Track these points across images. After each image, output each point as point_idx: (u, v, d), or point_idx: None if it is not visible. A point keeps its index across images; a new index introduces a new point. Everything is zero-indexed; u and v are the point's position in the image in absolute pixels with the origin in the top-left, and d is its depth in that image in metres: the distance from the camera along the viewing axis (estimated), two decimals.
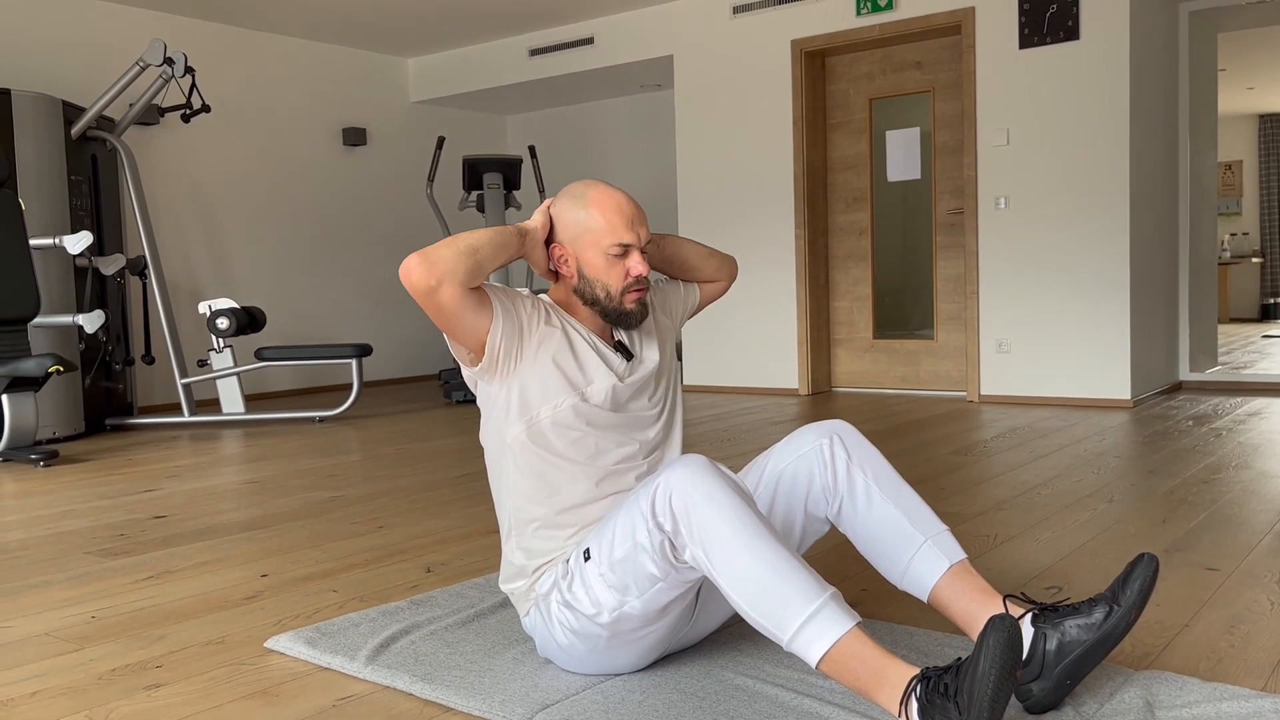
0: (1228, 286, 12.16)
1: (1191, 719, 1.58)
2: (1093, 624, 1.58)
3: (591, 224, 1.80)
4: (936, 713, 1.38)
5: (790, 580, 1.49)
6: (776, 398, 6.21)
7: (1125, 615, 1.58)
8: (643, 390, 1.90)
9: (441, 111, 8.33)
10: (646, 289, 1.85)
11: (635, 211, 1.83)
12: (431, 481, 3.84)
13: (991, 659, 1.35)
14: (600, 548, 1.68)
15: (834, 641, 1.46)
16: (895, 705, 1.44)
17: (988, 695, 1.34)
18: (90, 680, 1.92)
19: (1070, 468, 3.69)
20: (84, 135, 5.54)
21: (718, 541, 1.53)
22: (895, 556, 1.76)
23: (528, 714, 1.66)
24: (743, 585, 1.51)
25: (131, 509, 3.50)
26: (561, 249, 1.84)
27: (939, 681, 1.41)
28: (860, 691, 1.47)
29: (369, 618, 2.17)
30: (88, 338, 5.45)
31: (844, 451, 1.81)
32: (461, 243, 1.69)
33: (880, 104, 6.21)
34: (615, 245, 1.79)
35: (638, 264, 1.81)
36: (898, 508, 1.77)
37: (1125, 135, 5.24)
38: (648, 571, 1.62)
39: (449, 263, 1.66)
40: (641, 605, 1.66)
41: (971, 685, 1.35)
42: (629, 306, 1.83)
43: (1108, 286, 5.34)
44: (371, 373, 7.82)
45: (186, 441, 5.14)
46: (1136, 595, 1.58)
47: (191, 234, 6.76)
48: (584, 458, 1.81)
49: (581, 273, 1.83)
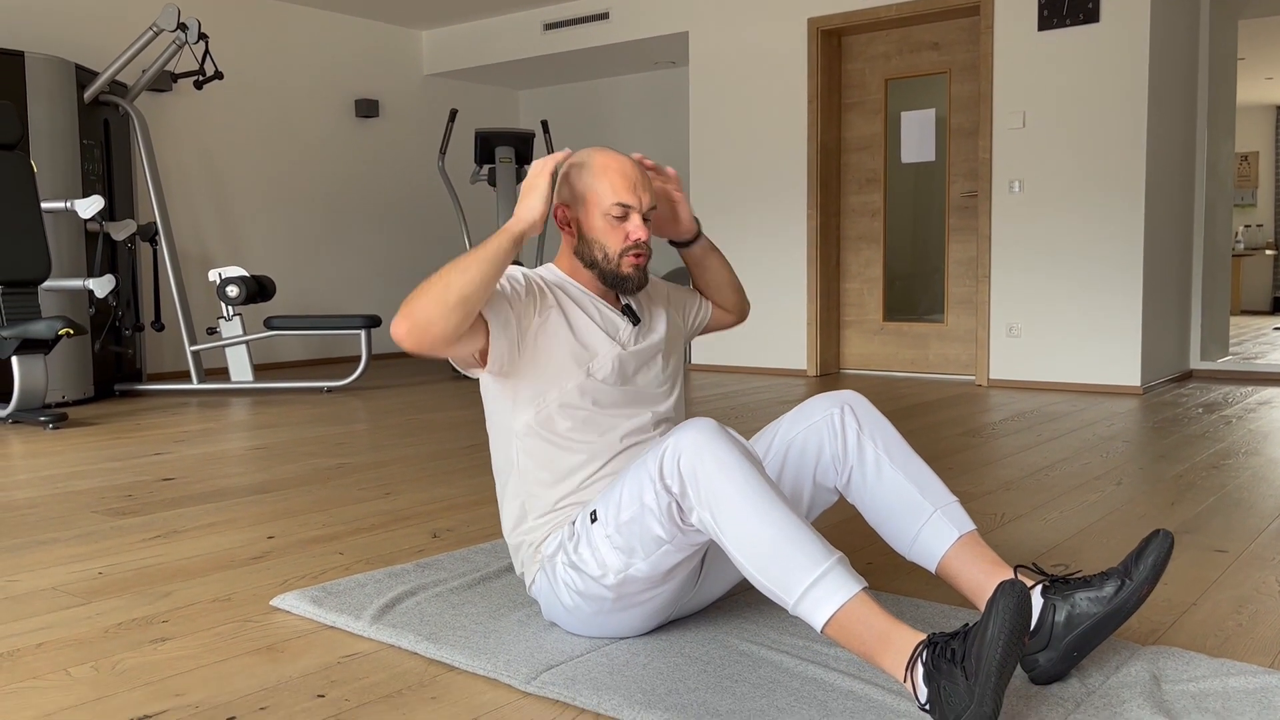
0: (1240, 278, 12.09)
1: (1198, 693, 1.57)
2: (1103, 597, 1.57)
3: (594, 185, 1.81)
4: (942, 678, 1.38)
5: (797, 544, 1.49)
6: (785, 378, 6.20)
7: (1136, 590, 1.57)
8: (649, 364, 1.90)
9: (454, 85, 8.30)
10: (646, 256, 1.84)
11: (639, 176, 1.83)
12: (439, 451, 3.84)
13: (1000, 623, 1.34)
14: (607, 509, 1.67)
15: (840, 605, 1.46)
16: (900, 670, 1.43)
17: (995, 660, 1.33)
18: (97, 633, 1.93)
19: (1079, 451, 3.68)
20: (96, 100, 5.53)
21: (725, 504, 1.52)
22: (904, 526, 1.75)
23: (532, 674, 1.66)
24: (749, 548, 1.51)
25: (139, 471, 3.51)
26: (565, 210, 1.86)
27: (945, 647, 1.40)
28: (865, 656, 1.47)
29: (375, 579, 2.18)
30: (98, 302, 5.46)
31: (855, 421, 1.80)
32: (451, 293, 1.61)
33: (896, 85, 6.17)
34: (616, 205, 1.80)
35: (638, 228, 1.81)
36: (908, 478, 1.76)
37: (1143, 121, 5.19)
38: (654, 534, 1.62)
39: (439, 325, 1.61)
40: (647, 568, 1.66)
41: (980, 650, 1.34)
42: (626, 270, 1.83)
43: (1121, 273, 5.31)
44: (380, 345, 7.83)
45: (195, 408, 5.15)
46: (1149, 571, 1.57)
47: (202, 201, 6.76)
48: (594, 435, 1.81)
49: (582, 233, 1.84)
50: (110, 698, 1.63)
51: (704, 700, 1.56)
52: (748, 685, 1.61)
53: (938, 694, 1.37)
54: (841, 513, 2.77)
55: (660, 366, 1.92)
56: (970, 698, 1.34)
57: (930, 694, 1.39)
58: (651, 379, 1.90)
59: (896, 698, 1.55)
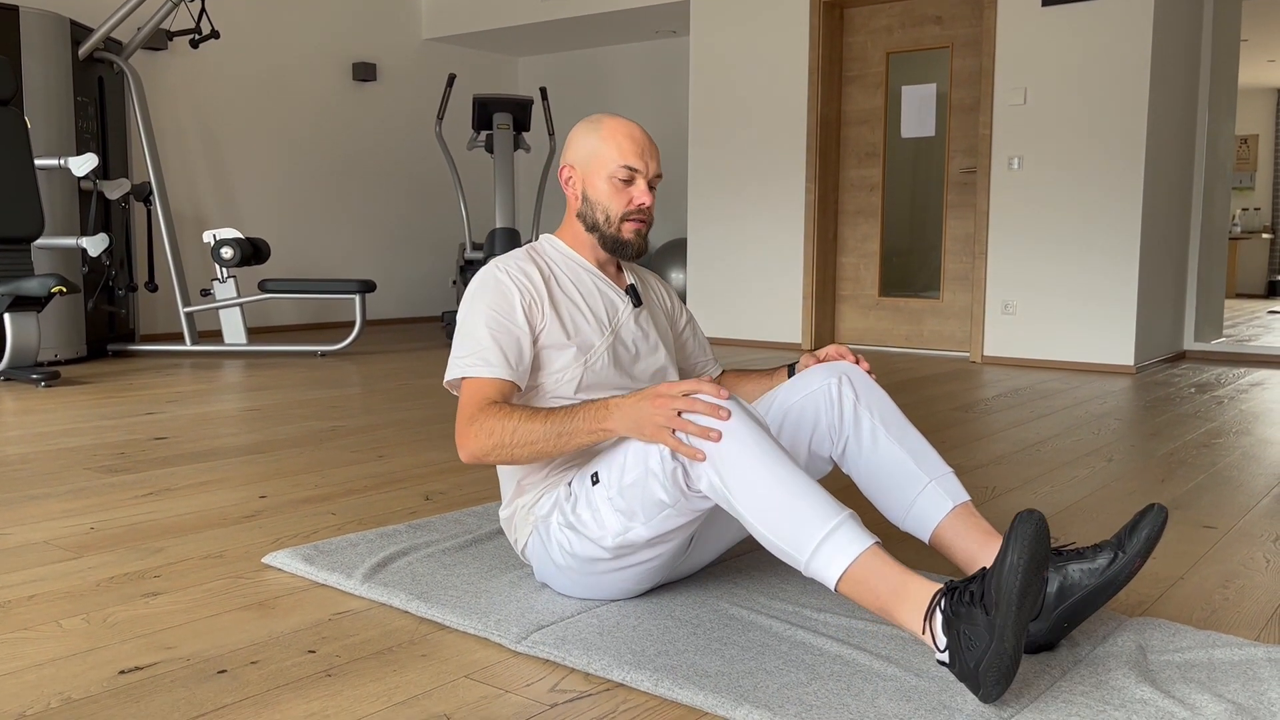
0: (1236, 261, 12.10)
1: (1184, 664, 1.58)
2: (1096, 569, 1.57)
3: (601, 148, 1.82)
4: (962, 621, 1.36)
5: (808, 501, 1.49)
6: (779, 351, 6.20)
7: (1129, 563, 1.57)
8: (644, 350, 1.90)
9: (453, 50, 8.24)
10: (647, 223, 1.85)
11: (647, 142, 1.84)
12: (432, 416, 3.84)
13: (1020, 550, 1.32)
14: (610, 472, 1.67)
15: (853, 559, 1.45)
16: (918, 622, 1.42)
17: (1016, 588, 1.31)
18: (88, 586, 1.93)
19: (1070, 428, 3.69)
20: (91, 57, 5.48)
21: (735, 467, 1.51)
22: (899, 496, 1.75)
23: (522, 634, 1.67)
24: (760, 510, 1.50)
25: (132, 430, 3.51)
26: (571, 170, 1.87)
27: (964, 590, 1.39)
28: (880, 611, 1.46)
29: (367, 539, 2.18)
30: (91, 261, 5.43)
31: (851, 391, 1.79)
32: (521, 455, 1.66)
33: (897, 58, 6.14)
34: (622, 168, 1.80)
35: (642, 193, 1.82)
36: (903, 448, 1.76)
37: (1144, 100, 5.17)
38: (657, 498, 1.62)
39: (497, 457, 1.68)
40: (647, 531, 1.66)
41: (999, 580, 1.33)
42: (626, 235, 1.84)
43: (1117, 252, 5.31)
44: (375, 311, 7.81)
45: (188, 369, 5.14)
46: (1142, 544, 1.57)
47: (197, 162, 6.71)
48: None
49: (585, 195, 1.85)
50: (101, 649, 1.64)
51: (693, 662, 1.56)
52: (737, 648, 1.62)
53: (957, 641, 1.37)
54: (835, 482, 2.78)
55: (660, 353, 1.92)
56: (990, 634, 1.33)
57: (949, 642, 1.38)
58: (647, 365, 1.90)
59: (885, 663, 1.56)
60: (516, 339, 1.76)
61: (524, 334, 1.77)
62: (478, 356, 1.74)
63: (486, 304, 1.77)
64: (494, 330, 1.75)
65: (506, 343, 1.75)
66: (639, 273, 2.03)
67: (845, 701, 1.44)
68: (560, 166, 1.89)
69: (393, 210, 7.90)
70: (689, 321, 2.12)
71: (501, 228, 6.41)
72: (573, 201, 1.88)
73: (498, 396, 1.72)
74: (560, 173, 1.89)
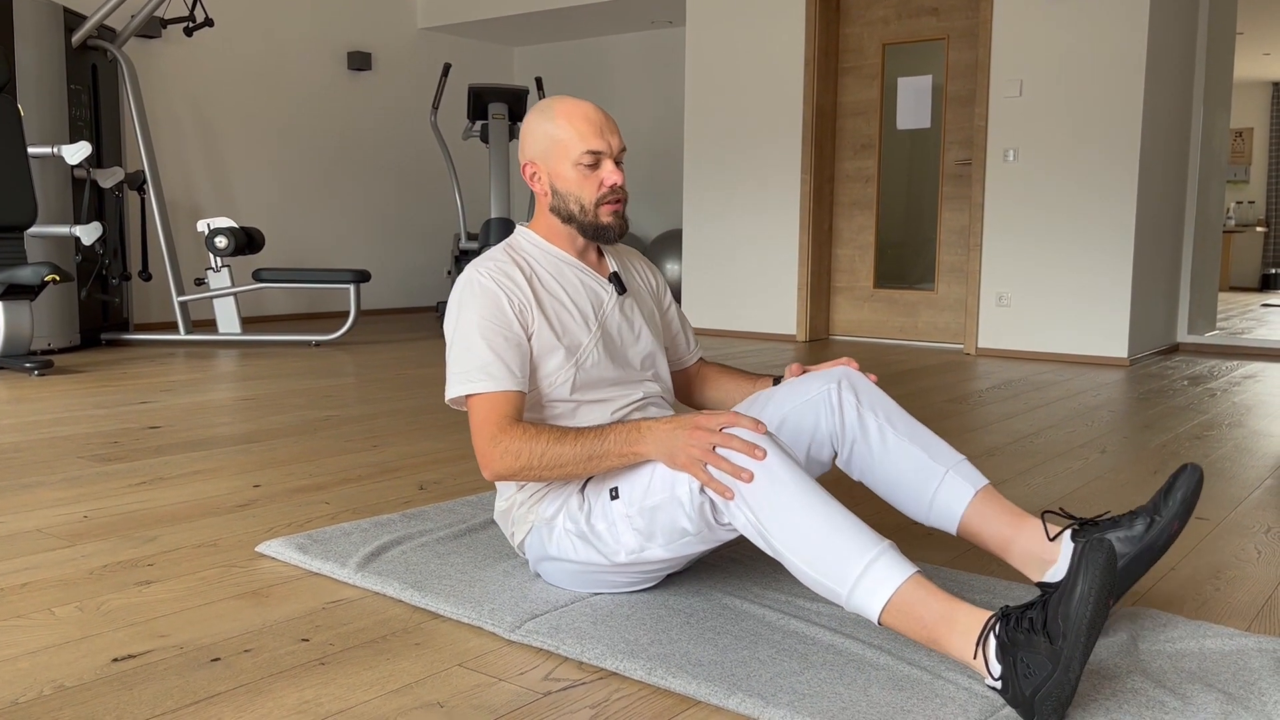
0: (1230, 254, 12.12)
1: (1175, 653, 1.59)
2: (1134, 536, 1.55)
3: (559, 135, 1.74)
4: (1020, 649, 1.32)
5: (846, 534, 1.44)
6: (774, 343, 6.21)
7: (1167, 526, 1.55)
8: (633, 337, 1.86)
9: (449, 39, 8.22)
10: (623, 201, 1.79)
11: (604, 119, 1.76)
12: (427, 406, 3.84)
13: (1091, 580, 1.29)
14: (632, 490, 1.64)
15: (895, 588, 1.40)
16: (969, 649, 1.37)
17: (1086, 618, 1.28)
18: (81, 575, 1.93)
19: (1064, 419, 3.70)
20: (84, 44, 5.45)
21: (770, 505, 1.48)
22: (918, 492, 1.72)
23: (516, 622, 1.67)
24: (798, 547, 1.46)
25: (126, 419, 3.50)
26: (533, 165, 1.79)
27: (1023, 617, 1.34)
28: (928, 641, 1.41)
29: (361, 528, 2.18)
30: (84, 250, 5.41)
31: (852, 396, 1.76)
32: (552, 474, 1.63)
33: (893, 50, 6.13)
34: (585, 154, 1.73)
35: (611, 173, 1.75)
36: (914, 443, 1.72)
37: (1139, 93, 5.18)
38: (680, 526, 1.59)
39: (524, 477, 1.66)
40: (664, 554, 1.65)
41: (1068, 610, 1.29)
42: (605, 220, 1.78)
43: (1112, 245, 5.31)
44: (369, 301, 7.80)
45: (182, 359, 5.13)
46: (1179, 506, 1.55)
47: (191, 151, 6.69)
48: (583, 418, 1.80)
49: (554, 188, 1.78)
50: (95, 637, 1.64)
51: (686, 651, 1.57)
52: (730, 637, 1.63)
53: (1013, 668, 1.32)
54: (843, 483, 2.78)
55: (645, 338, 1.89)
56: (1055, 663, 1.29)
57: (1004, 670, 1.33)
58: (637, 351, 1.87)
59: (877, 652, 1.56)
60: (516, 345, 1.72)
61: (521, 339, 1.73)
62: (481, 370, 1.69)
63: (477, 313, 1.71)
64: (490, 340, 1.70)
65: (506, 351, 1.70)
66: (620, 254, 1.97)
67: (837, 690, 1.44)
68: (521, 164, 1.81)
69: (387, 200, 7.88)
70: (671, 302, 2.07)
71: (496, 218, 6.40)
72: (542, 197, 1.81)
73: (512, 411, 1.68)
74: (523, 170, 1.81)
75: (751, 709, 1.39)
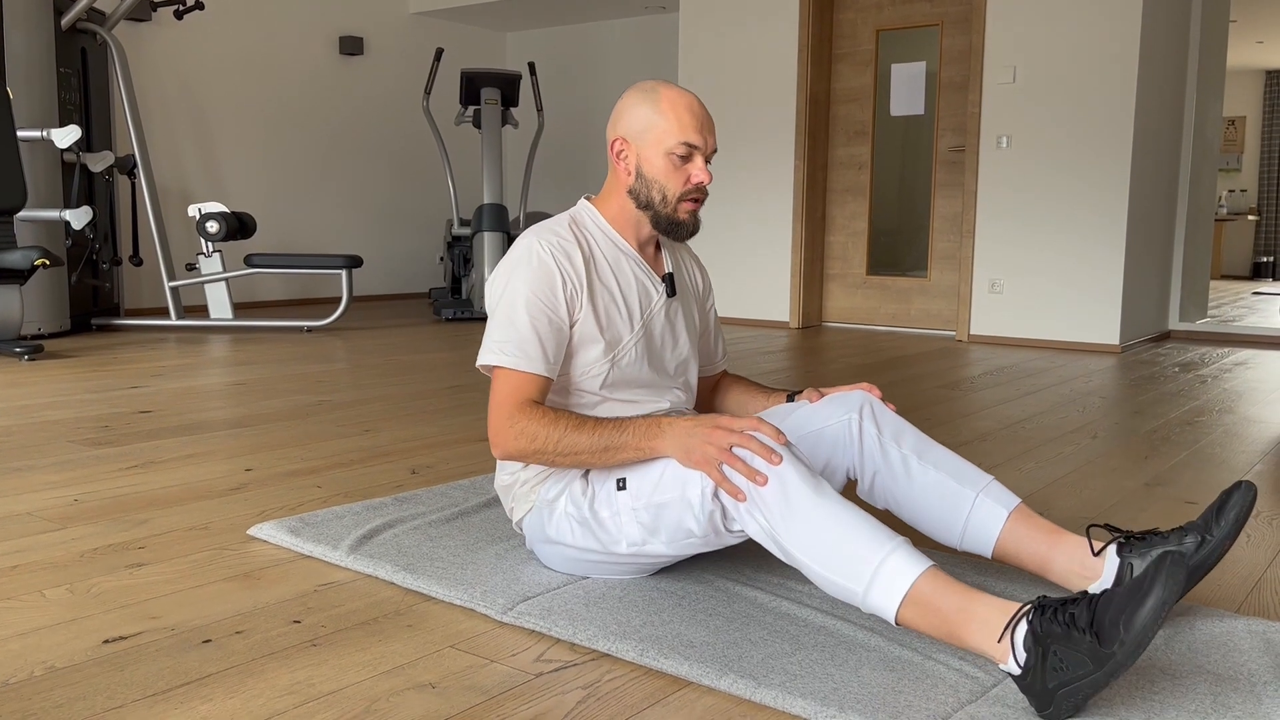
0: (1222, 242, 12.15)
1: (1166, 635, 1.60)
2: (1184, 553, 1.53)
3: (660, 122, 1.71)
4: (1057, 642, 1.28)
5: (859, 535, 1.43)
6: (766, 329, 6.21)
7: (1218, 545, 1.52)
8: (673, 341, 1.83)
9: (441, 24, 8.18)
10: (702, 201, 1.77)
11: (706, 116, 1.74)
12: (419, 392, 3.83)
13: (1169, 592, 1.24)
14: (641, 484, 1.63)
15: (911, 582, 1.39)
16: (991, 641, 1.34)
17: (1149, 626, 1.24)
18: (72, 557, 1.93)
19: (1056, 405, 3.70)
20: (74, 27, 5.41)
21: (783, 511, 1.47)
22: (950, 519, 1.69)
23: (508, 604, 1.67)
24: (812, 551, 1.45)
25: (116, 403, 3.49)
26: (624, 144, 1.75)
27: (1062, 610, 1.30)
28: (948, 636, 1.38)
29: (353, 511, 2.18)
30: (74, 235, 5.39)
31: (874, 426, 1.74)
32: (564, 461, 1.62)
33: (887, 36, 6.12)
34: (681, 145, 1.71)
35: (700, 170, 1.72)
36: (940, 470, 1.70)
37: (1133, 80, 5.17)
38: (686, 526, 1.59)
39: (535, 460, 1.65)
40: (667, 550, 1.65)
41: (1135, 617, 1.24)
42: (682, 216, 1.75)
43: (1104, 232, 5.32)
44: (361, 287, 7.78)
45: (173, 344, 5.11)
46: (1231, 525, 1.53)
47: (182, 135, 6.66)
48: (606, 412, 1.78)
49: (640, 172, 1.74)
50: (85, 619, 1.63)
51: (678, 632, 1.57)
52: (722, 619, 1.63)
53: (1042, 659, 1.29)
54: None
55: (683, 344, 1.86)
56: (1097, 664, 1.26)
57: (1032, 659, 1.30)
58: (674, 356, 1.84)
59: (869, 634, 1.57)
60: (558, 329, 1.69)
61: (564, 324, 1.70)
62: (517, 347, 1.67)
63: (529, 285, 1.68)
64: (534, 317, 1.67)
65: (547, 334, 1.68)
66: (676, 250, 1.93)
67: (829, 671, 1.45)
68: (611, 139, 1.77)
69: (380, 185, 7.86)
70: (714, 306, 2.04)
71: (489, 203, 6.38)
72: (624, 177, 1.76)
73: (536, 394, 1.66)
74: (611, 145, 1.77)
75: (743, 690, 1.40)
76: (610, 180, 1.80)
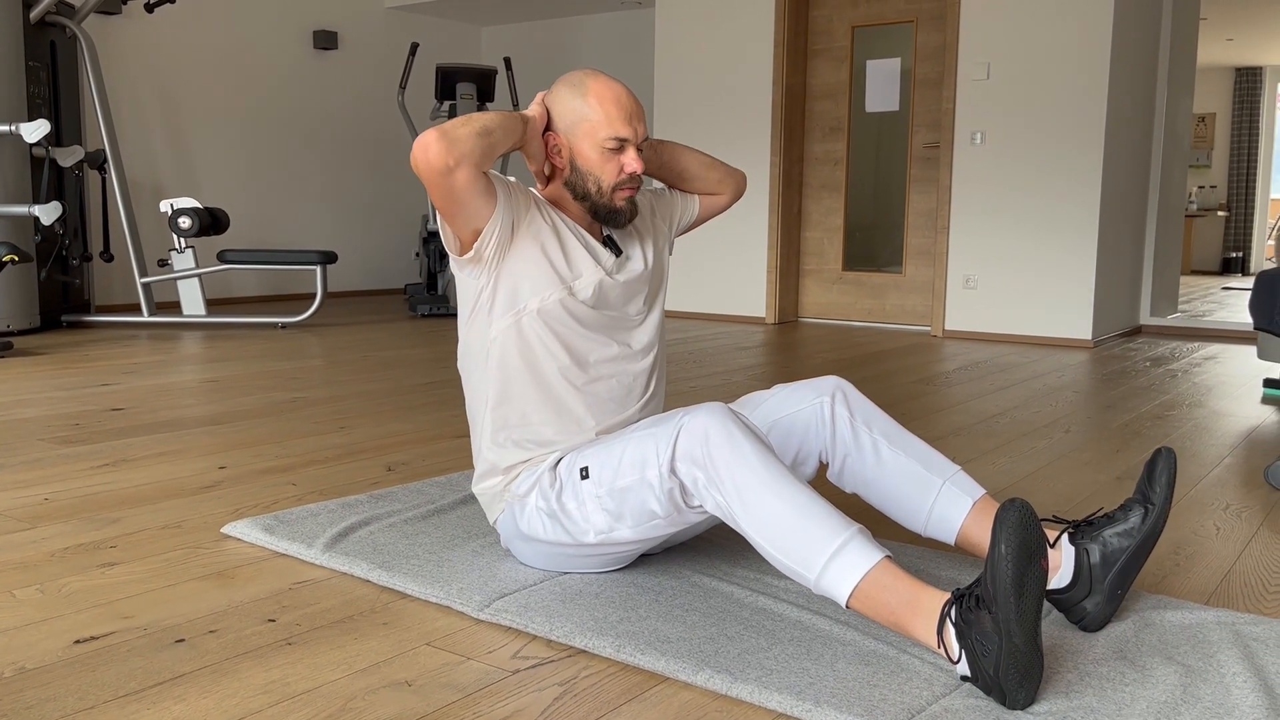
0: (1192, 238, 12.27)
1: (1135, 626, 1.61)
2: (1131, 529, 1.57)
3: (589, 114, 1.73)
4: (972, 629, 1.32)
5: (816, 518, 1.45)
6: (743, 325, 6.22)
7: (1161, 513, 1.57)
8: (632, 293, 1.84)
9: (416, 18, 8.13)
10: (638, 188, 1.79)
11: (634, 106, 1.75)
12: (395, 388, 3.81)
13: (1008, 539, 1.29)
14: (602, 471, 1.64)
15: (864, 574, 1.41)
16: (932, 635, 1.38)
17: (1010, 577, 1.28)
18: (42, 557, 1.91)
19: (1029, 400, 3.73)
20: (43, 20, 5.34)
21: (742, 488, 1.49)
22: (915, 505, 1.71)
23: (485, 601, 1.67)
24: (767, 529, 1.47)
25: (87, 401, 3.46)
26: (556, 138, 1.77)
27: (969, 596, 1.34)
28: (895, 626, 1.42)
29: (328, 509, 2.17)
30: (44, 230, 5.32)
31: (845, 410, 1.76)
32: (476, 123, 1.62)
33: (862, 32, 6.14)
34: (611, 139, 1.72)
35: (632, 160, 1.74)
36: (909, 456, 1.72)
37: (1105, 77, 5.22)
38: (649, 508, 1.60)
39: (467, 143, 1.59)
40: (632, 535, 1.65)
41: (993, 573, 1.29)
42: (619, 204, 1.77)
43: (1077, 228, 5.36)
44: (336, 283, 7.73)
45: (145, 340, 5.06)
46: (1166, 489, 1.58)
47: (154, 130, 6.59)
48: (568, 356, 1.76)
49: (574, 164, 1.76)
50: (57, 619, 1.62)
51: (654, 628, 1.57)
52: (698, 614, 1.63)
53: (973, 650, 1.32)
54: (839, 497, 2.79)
55: (641, 298, 1.87)
56: (998, 633, 1.29)
57: (966, 654, 1.34)
58: (631, 310, 1.85)
59: (844, 628, 1.58)
60: (507, 195, 1.72)
61: (515, 190, 1.74)
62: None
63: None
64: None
65: (501, 184, 1.72)
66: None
67: (804, 666, 1.45)
68: (545, 134, 1.78)
69: (354, 181, 7.81)
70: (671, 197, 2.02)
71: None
72: (560, 171, 1.79)
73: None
74: (546, 140, 1.78)
75: (719, 685, 1.40)
76: (552, 174, 1.82)
